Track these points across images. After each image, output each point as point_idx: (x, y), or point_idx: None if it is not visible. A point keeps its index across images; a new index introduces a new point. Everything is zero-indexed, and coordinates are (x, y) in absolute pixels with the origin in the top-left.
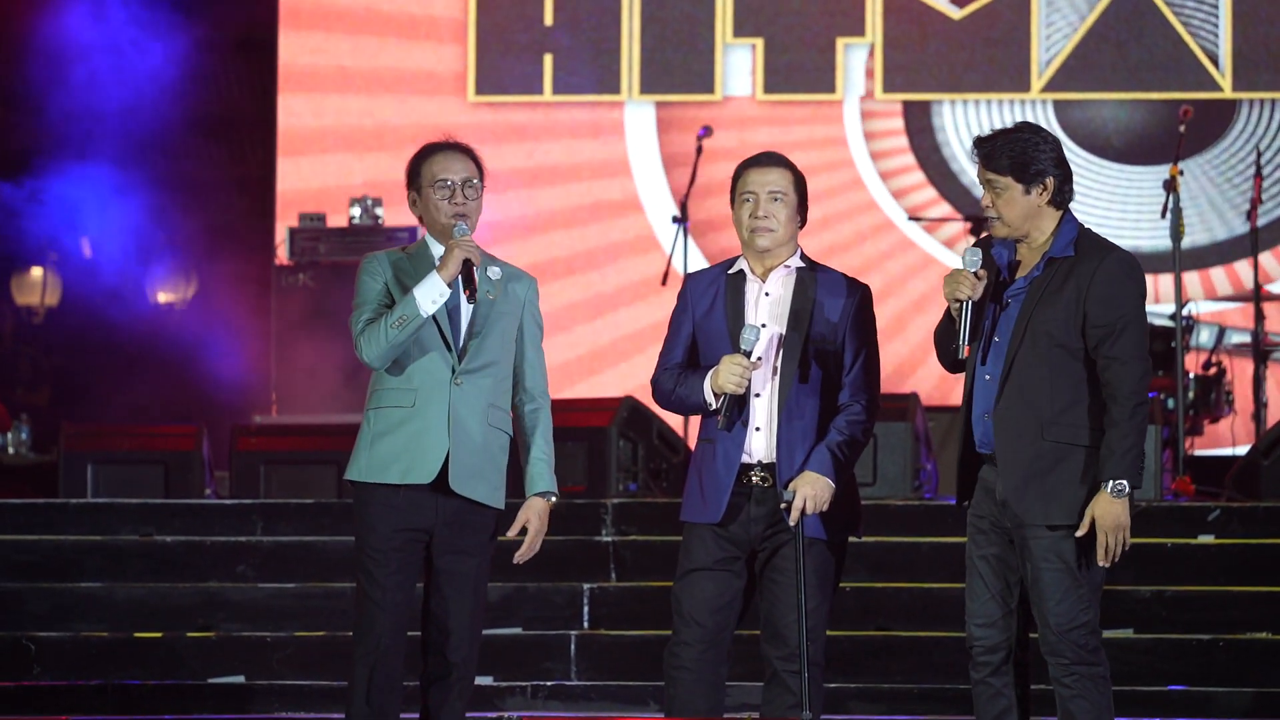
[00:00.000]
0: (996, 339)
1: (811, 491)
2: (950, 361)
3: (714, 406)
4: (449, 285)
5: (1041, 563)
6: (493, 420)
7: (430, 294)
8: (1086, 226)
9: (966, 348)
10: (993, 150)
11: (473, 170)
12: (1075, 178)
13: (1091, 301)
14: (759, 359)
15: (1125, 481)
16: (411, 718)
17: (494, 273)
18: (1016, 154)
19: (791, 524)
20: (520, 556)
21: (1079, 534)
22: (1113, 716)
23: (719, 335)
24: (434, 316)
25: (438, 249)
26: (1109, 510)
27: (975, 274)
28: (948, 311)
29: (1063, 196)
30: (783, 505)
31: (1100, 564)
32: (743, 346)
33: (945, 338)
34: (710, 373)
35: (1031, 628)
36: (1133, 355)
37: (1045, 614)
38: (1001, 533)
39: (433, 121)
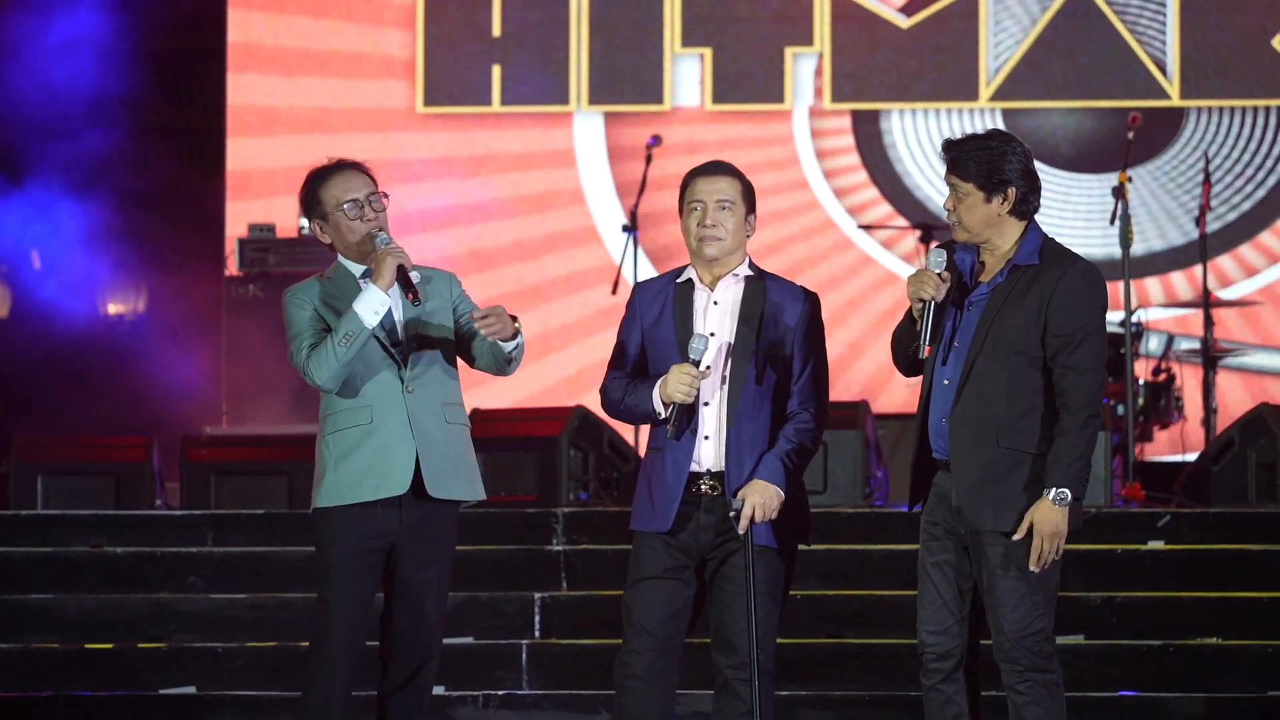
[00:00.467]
0: (956, 344)
1: (760, 500)
2: (907, 364)
3: (663, 415)
4: (386, 294)
5: (997, 569)
6: (450, 418)
7: (371, 305)
8: (1051, 237)
9: (927, 348)
10: (959, 155)
11: (370, 183)
12: None
13: (1053, 310)
14: (708, 368)
15: (1068, 490)
16: None
17: (414, 276)
18: (982, 161)
19: (740, 532)
20: (490, 330)
21: (1015, 537)
22: None
23: (668, 345)
24: (372, 332)
25: (356, 269)
26: (1048, 517)
27: (940, 275)
28: (908, 313)
29: (1026, 207)
30: (731, 514)
31: (1031, 568)
32: (691, 356)
33: (905, 339)
34: (659, 382)
35: (983, 635)
36: (1089, 366)
37: (1000, 620)
38: (955, 539)
39: (382, 129)
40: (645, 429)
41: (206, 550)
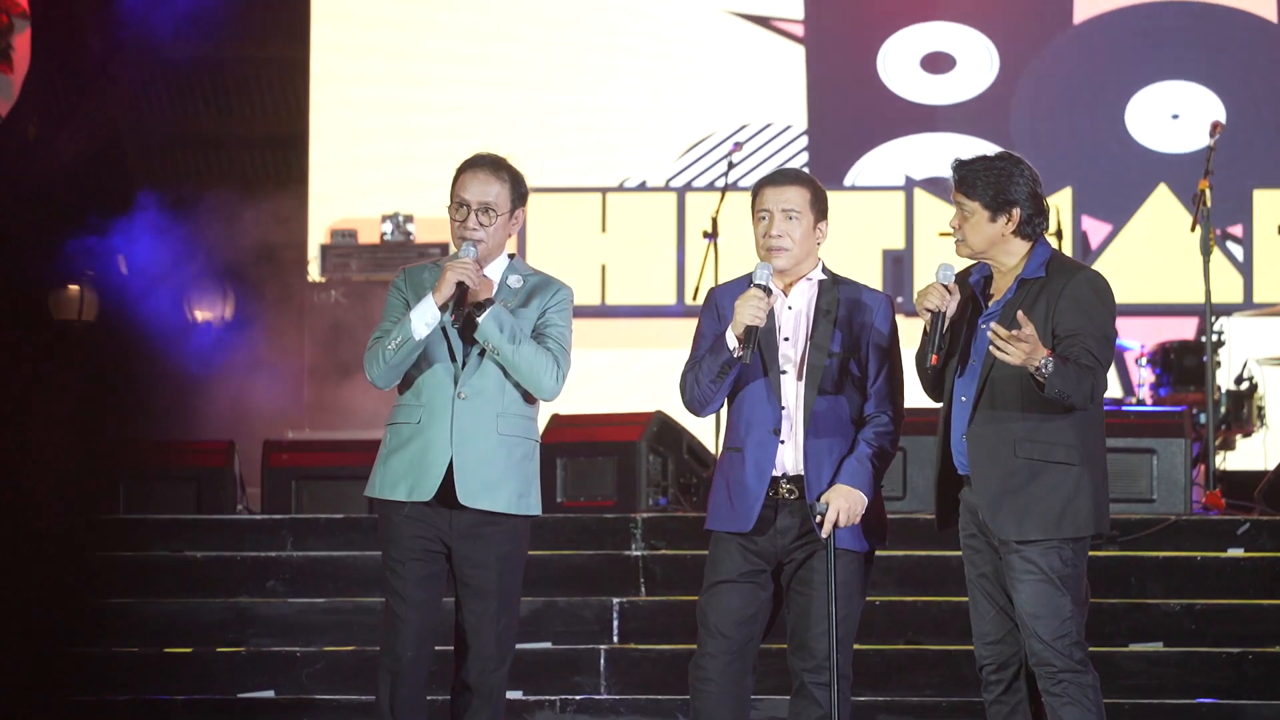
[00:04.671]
0: (973, 361)
1: (845, 504)
2: (930, 383)
3: (739, 353)
4: (441, 309)
5: (1023, 575)
6: (504, 429)
7: (424, 316)
8: (1059, 251)
9: (935, 356)
10: (967, 175)
11: (496, 193)
12: None
13: (1059, 314)
14: (775, 293)
15: (1055, 368)
16: None
17: (514, 281)
18: (989, 181)
19: (824, 536)
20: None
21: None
22: None
23: None
24: (444, 330)
25: None
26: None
27: (946, 287)
28: (924, 333)
29: (1031, 228)
30: (816, 518)
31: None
32: (756, 281)
33: (923, 359)
34: (730, 324)
35: None
36: (1095, 358)
37: (1031, 626)
38: (994, 550)
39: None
40: (724, 431)
41: (286, 554)
